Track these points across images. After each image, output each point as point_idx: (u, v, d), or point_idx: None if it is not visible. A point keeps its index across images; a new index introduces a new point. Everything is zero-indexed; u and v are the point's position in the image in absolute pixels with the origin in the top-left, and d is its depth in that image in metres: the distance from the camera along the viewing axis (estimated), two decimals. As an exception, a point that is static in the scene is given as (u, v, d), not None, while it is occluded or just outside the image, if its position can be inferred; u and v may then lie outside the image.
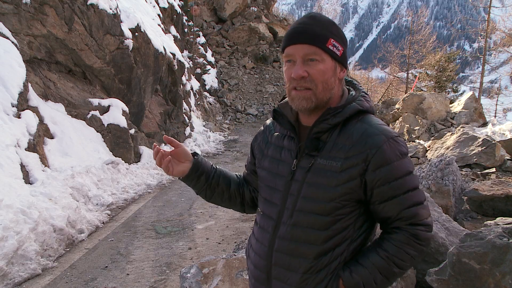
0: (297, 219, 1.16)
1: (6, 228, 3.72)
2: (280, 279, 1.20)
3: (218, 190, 1.43)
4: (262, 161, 1.32)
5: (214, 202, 1.49)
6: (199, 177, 1.38)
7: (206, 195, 1.44)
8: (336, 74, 1.18)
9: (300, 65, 1.13)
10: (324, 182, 1.12)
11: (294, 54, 1.15)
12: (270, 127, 1.37)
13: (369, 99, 1.23)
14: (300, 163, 1.18)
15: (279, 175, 1.23)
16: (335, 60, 1.16)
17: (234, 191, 1.45)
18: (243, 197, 1.47)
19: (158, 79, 10.29)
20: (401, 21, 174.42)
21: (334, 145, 1.14)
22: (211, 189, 1.42)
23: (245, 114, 18.69)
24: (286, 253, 1.18)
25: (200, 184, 1.40)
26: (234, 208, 1.51)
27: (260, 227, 1.28)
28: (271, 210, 1.24)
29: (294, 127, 1.24)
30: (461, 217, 4.31)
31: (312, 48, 1.12)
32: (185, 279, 2.70)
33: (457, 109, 11.29)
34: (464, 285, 2.25)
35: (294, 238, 1.17)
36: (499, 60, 27.29)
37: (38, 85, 6.70)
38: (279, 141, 1.29)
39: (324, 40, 1.13)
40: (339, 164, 1.11)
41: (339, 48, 1.16)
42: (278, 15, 29.07)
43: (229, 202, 1.48)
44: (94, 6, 7.72)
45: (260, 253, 1.26)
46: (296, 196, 1.17)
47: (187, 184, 1.41)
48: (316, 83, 1.13)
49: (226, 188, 1.44)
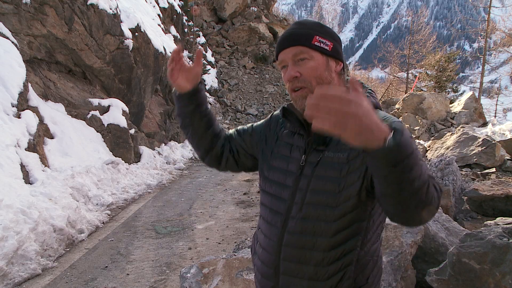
0: (306, 212, 1.17)
1: (6, 228, 3.72)
2: (289, 274, 1.21)
3: (195, 125, 1.44)
4: (272, 158, 1.33)
5: (185, 134, 1.50)
6: (190, 103, 1.39)
7: (183, 122, 1.45)
8: (331, 68, 1.19)
9: (291, 67, 1.17)
10: (333, 174, 1.14)
11: (285, 58, 1.19)
12: (280, 123, 1.38)
13: (375, 95, 1.25)
14: (309, 158, 1.20)
15: (289, 172, 1.25)
16: (326, 55, 1.18)
17: (208, 137, 1.46)
18: (212, 147, 1.48)
19: (158, 79, 10.29)
20: (401, 21, 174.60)
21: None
22: (191, 120, 1.43)
23: (245, 114, 18.70)
24: (296, 247, 1.19)
25: (186, 109, 1.41)
26: (198, 149, 1.51)
27: (267, 223, 1.29)
28: (280, 206, 1.25)
29: (303, 125, 1.25)
30: (461, 217, 4.31)
31: (298, 48, 1.16)
32: (185, 279, 2.70)
33: (457, 109, 11.29)
34: (464, 285, 2.25)
35: (304, 231, 1.18)
36: (499, 60, 27.29)
37: (38, 85, 6.70)
38: (289, 138, 1.30)
39: (309, 38, 1.17)
40: (345, 155, 1.13)
41: (327, 44, 1.18)
42: (278, 15, 29.11)
43: (198, 141, 1.48)
44: (94, 6, 7.73)
45: (268, 248, 1.27)
46: (305, 191, 1.18)
47: (176, 101, 1.42)
48: (309, 80, 1.16)
49: (203, 128, 1.45)
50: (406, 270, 2.58)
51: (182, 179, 8.24)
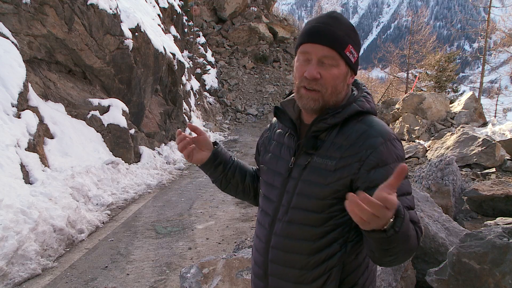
0: (292, 216, 1.18)
1: (6, 228, 3.71)
2: (276, 276, 1.21)
3: (233, 181, 1.45)
4: (264, 157, 1.34)
5: (228, 193, 1.51)
6: (216, 167, 1.41)
7: (221, 185, 1.47)
8: (347, 80, 1.18)
9: (315, 66, 1.13)
10: (318, 180, 1.13)
11: (311, 53, 1.14)
12: (274, 124, 1.38)
13: (370, 99, 1.22)
14: (298, 161, 1.19)
15: (277, 172, 1.25)
16: (349, 66, 1.16)
17: (248, 184, 1.48)
18: (257, 191, 1.48)
19: (158, 79, 10.29)
20: (401, 21, 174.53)
21: (332, 144, 1.15)
22: (226, 180, 1.45)
23: (245, 114, 18.69)
24: (282, 250, 1.19)
25: (216, 173, 1.43)
26: (248, 200, 1.53)
27: (259, 223, 1.31)
28: (268, 206, 1.26)
29: (295, 125, 1.24)
30: (461, 217, 4.31)
31: (330, 51, 1.12)
32: (185, 279, 2.70)
33: (457, 109, 11.29)
34: (464, 285, 2.25)
35: (290, 235, 1.18)
36: (499, 60, 27.28)
37: (38, 85, 6.70)
38: (280, 137, 1.30)
39: (344, 46, 1.13)
40: (333, 163, 1.12)
41: (354, 55, 1.16)
42: (278, 15, 29.10)
43: (242, 194, 1.50)
44: (94, 6, 7.72)
45: (258, 249, 1.28)
46: (292, 193, 1.18)
47: (204, 171, 1.43)
48: (326, 86, 1.14)
49: (241, 180, 1.46)
50: (406, 270, 2.58)
51: (182, 179, 8.24)
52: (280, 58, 22.55)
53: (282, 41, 23.70)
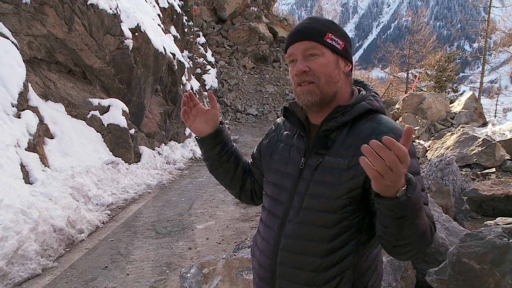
0: (304, 217, 1.15)
1: (6, 228, 3.72)
2: (285, 278, 1.19)
3: (225, 166, 1.42)
4: (271, 160, 1.31)
5: (215, 176, 1.48)
6: (215, 145, 1.38)
7: (211, 165, 1.43)
8: (340, 67, 1.18)
9: (301, 61, 1.15)
10: (331, 180, 1.12)
11: (294, 52, 1.16)
12: (281, 126, 1.36)
13: (379, 99, 1.22)
14: (308, 162, 1.18)
15: (287, 174, 1.23)
16: (337, 54, 1.16)
17: (239, 174, 1.45)
18: (244, 184, 1.46)
19: (158, 79, 10.29)
20: (401, 21, 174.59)
21: (342, 143, 1.14)
22: (219, 162, 1.41)
23: (245, 114, 18.70)
24: (293, 252, 1.17)
25: (213, 152, 1.40)
26: (232, 190, 1.49)
27: (266, 225, 1.27)
28: (277, 208, 1.23)
29: (304, 126, 1.23)
30: (461, 217, 4.31)
31: (310, 43, 1.14)
32: (185, 279, 2.70)
33: (457, 109, 11.30)
34: (464, 285, 2.25)
35: (301, 236, 1.16)
36: (499, 60, 27.30)
37: (38, 85, 6.70)
38: (288, 139, 1.28)
39: (322, 34, 1.14)
40: (346, 161, 1.11)
41: (339, 42, 1.16)
42: (278, 15, 29.11)
43: (230, 182, 1.46)
44: (94, 6, 7.73)
45: (265, 251, 1.25)
46: (303, 194, 1.16)
47: (200, 146, 1.40)
48: (318, 76, 1.14)
49: (233, 167, 1.43)
50: (406, 270, 2.58)
51: (182, 179, 8.24)
52: (280, 58, 22.55)
53: (282, 41, 23.69)
